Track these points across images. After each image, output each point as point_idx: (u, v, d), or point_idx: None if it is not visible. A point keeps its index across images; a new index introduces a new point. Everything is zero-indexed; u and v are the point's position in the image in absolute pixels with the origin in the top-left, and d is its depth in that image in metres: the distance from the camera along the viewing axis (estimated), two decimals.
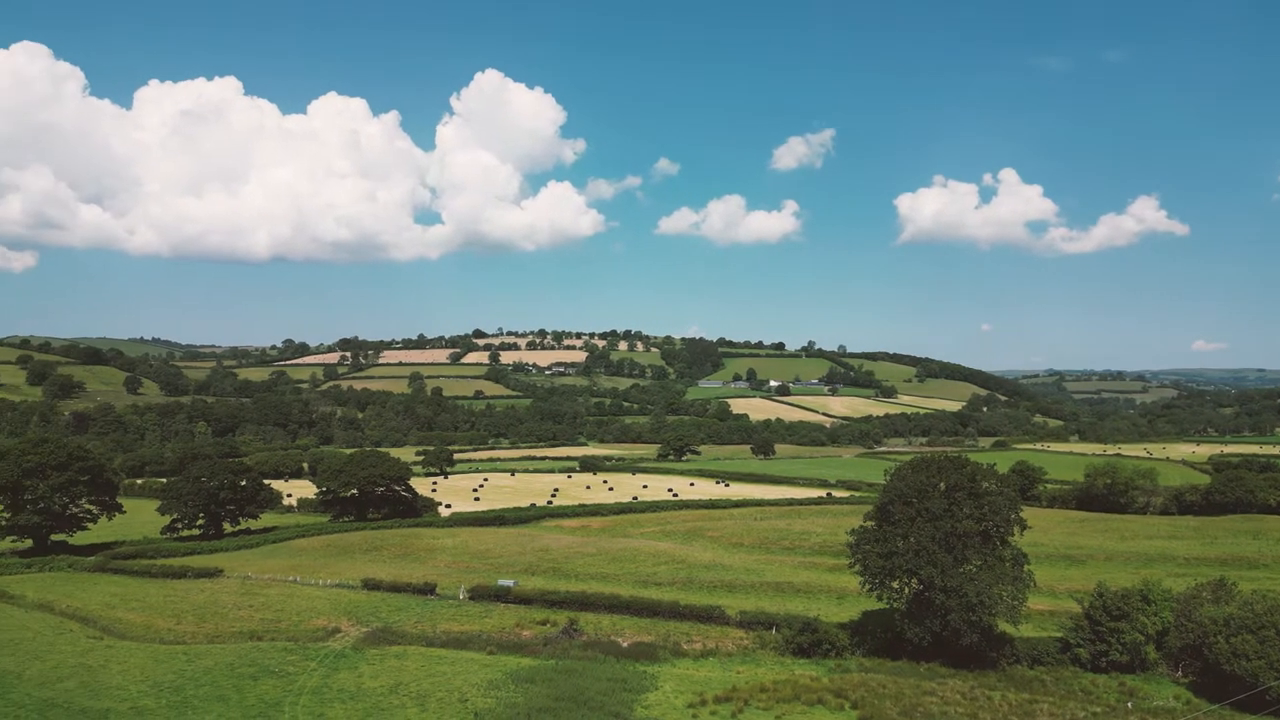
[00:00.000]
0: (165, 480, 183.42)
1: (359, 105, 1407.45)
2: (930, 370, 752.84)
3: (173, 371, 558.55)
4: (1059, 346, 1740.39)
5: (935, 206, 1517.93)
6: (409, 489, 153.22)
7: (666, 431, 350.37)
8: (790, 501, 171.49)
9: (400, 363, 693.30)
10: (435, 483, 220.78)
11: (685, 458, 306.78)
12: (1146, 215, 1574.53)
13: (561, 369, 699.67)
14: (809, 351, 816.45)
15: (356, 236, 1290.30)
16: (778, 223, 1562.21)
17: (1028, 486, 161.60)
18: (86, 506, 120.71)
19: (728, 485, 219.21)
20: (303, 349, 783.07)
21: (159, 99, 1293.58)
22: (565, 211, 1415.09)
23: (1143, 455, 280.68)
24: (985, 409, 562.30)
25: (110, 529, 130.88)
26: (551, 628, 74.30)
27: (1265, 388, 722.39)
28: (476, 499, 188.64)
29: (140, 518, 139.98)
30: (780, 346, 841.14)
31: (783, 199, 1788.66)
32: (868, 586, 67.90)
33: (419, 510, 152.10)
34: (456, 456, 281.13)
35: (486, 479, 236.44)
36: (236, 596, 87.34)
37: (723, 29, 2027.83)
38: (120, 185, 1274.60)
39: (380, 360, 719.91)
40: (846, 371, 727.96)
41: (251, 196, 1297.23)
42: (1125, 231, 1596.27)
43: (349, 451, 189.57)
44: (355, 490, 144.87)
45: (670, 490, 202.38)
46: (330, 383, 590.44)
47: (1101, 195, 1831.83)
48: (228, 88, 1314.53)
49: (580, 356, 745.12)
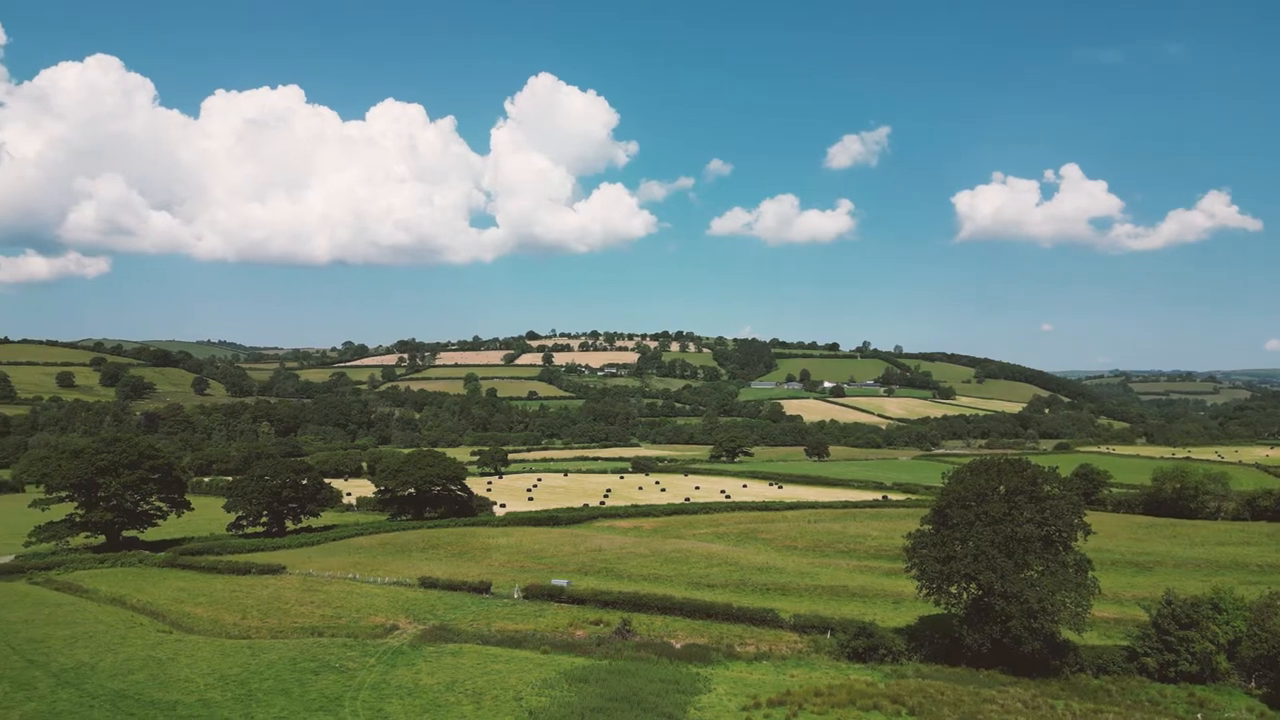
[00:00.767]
0: (231, 479, 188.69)
1: (416, 111, 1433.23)
2: (989, 371, 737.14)
3: (238, 373, 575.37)
4: (1125, 346, 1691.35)
5: (994, 204, 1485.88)
6: (464, 488, 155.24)
7: (719, 433, 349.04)
8: (845, 504, 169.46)
9: (456, 364, 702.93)
10: (490, 482, 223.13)
11: (738, 459, 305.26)
12: (1217, 211, 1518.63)
13: (613, 370, 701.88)
14: (864, 352, 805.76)
15: (414, 240, 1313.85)
16: (832, 222, 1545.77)
17: (1092, 490, 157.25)
18: (157, 504, 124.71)
19: (781, 487, 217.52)
20: (362, 351, 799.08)
21: (225, 108, 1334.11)
22: (617, 213, 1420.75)
23: (1213, 459, 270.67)
24: (1047, 411, 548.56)
25: (179, 526, 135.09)
26: (605, 628, 74.60)
27: None
28: (530, 499, 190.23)
29: (207, 515, 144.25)
30: (834, 347, 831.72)
31: (837, 198, 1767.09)
32: (925, 591, 66.80)
33: (474, 509, 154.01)
34: (511, 456, 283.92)
35: (540, 479, 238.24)
36: (299, 593, 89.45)
37: (775, 29, 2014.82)
38: (188, 192, 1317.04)
39: (436, 362, 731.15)
40: (902, 372, 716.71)
41: (313, 202, 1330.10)
42: (1195, 228, 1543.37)
43: (406, 451, 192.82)
44: (412, 489, 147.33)
45: (723, 492, 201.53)
46: (388, 384, 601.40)
47: (1170, 191, 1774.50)
48: (290, 96, 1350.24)
49: (632, 357, 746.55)
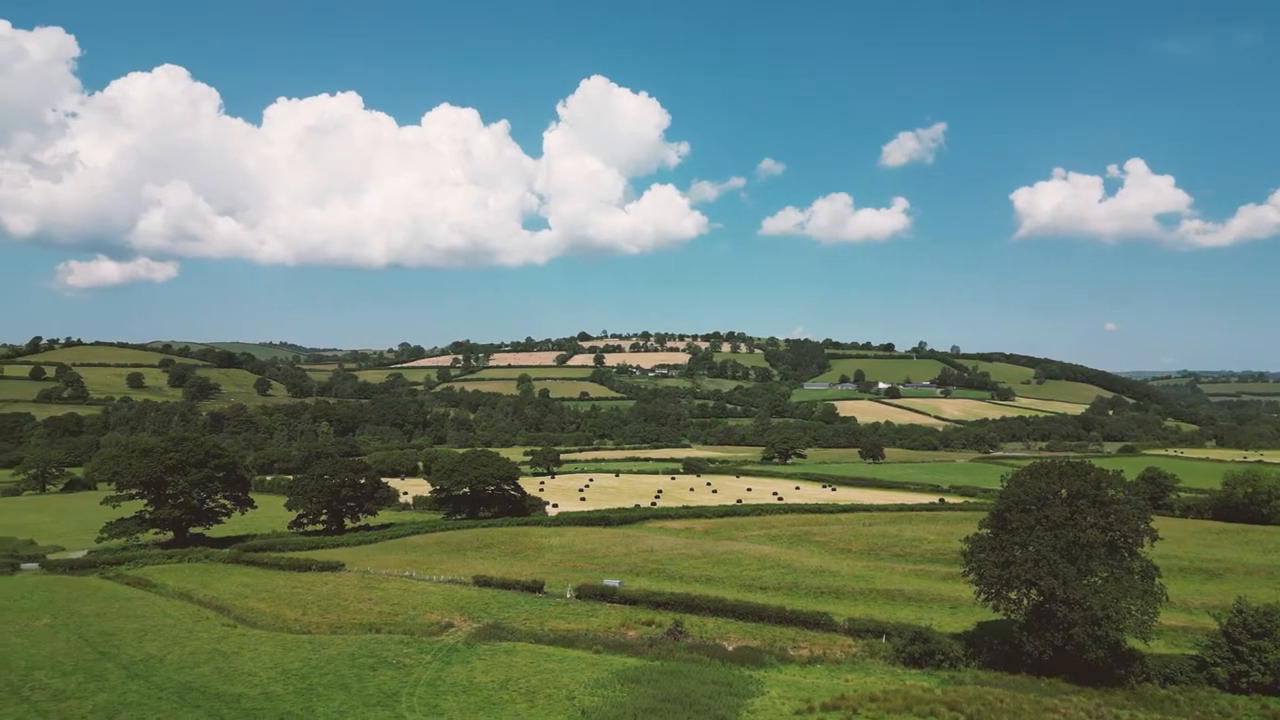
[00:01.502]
0: (292, 477, 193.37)
1: (470, 115, 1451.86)
2: (1050, 371, 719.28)
3: (298, 374, 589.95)
4: (1193, 346, 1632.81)
5: (1055, 200, 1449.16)
6: (518, 488, 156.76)
7: (771, 434, 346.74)
8: (900, 507, 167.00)
9: (509, 365, 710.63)
10: (543, 482, 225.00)
11: (790, 461, 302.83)
12: None
13: (664, 371, 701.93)
14: (920, 352, 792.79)
15: (468, 243, 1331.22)
16: (887, 220, 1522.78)
17: (1159, 495, 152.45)
18: (222, 501, 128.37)
19: (834, 489, 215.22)
20: (418, 352, 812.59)
21: (286, 116, 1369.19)
22: (669, 214, 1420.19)
23: None
24: (1111, 412, 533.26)
25: (242, 523, 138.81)
26: (656, 629, 74.63)
27: None
28: (582, 499, 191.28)
29: (269, 512, 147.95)
30: (889, 347, 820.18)
31: (892, 196, 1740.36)
32: (983, 596, 65.45)
33: (527, 509, 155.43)
34: (563, 457, 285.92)
35: (592, 479, 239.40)
36: (357, 590, 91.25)
37: (827, 27, 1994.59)
38: (251, 198, 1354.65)
39: (490, 363, 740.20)
40: (960, 373, 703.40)
41: (370, 206, 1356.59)
42: (1267, 223, 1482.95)
43: (461, 451, 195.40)
44: (467, 489, 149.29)
45: (775, 494, 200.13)
46: (443, 384, 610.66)
47: (1240, 185, 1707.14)
48: (349, 102, 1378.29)
49: (683, 358, 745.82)
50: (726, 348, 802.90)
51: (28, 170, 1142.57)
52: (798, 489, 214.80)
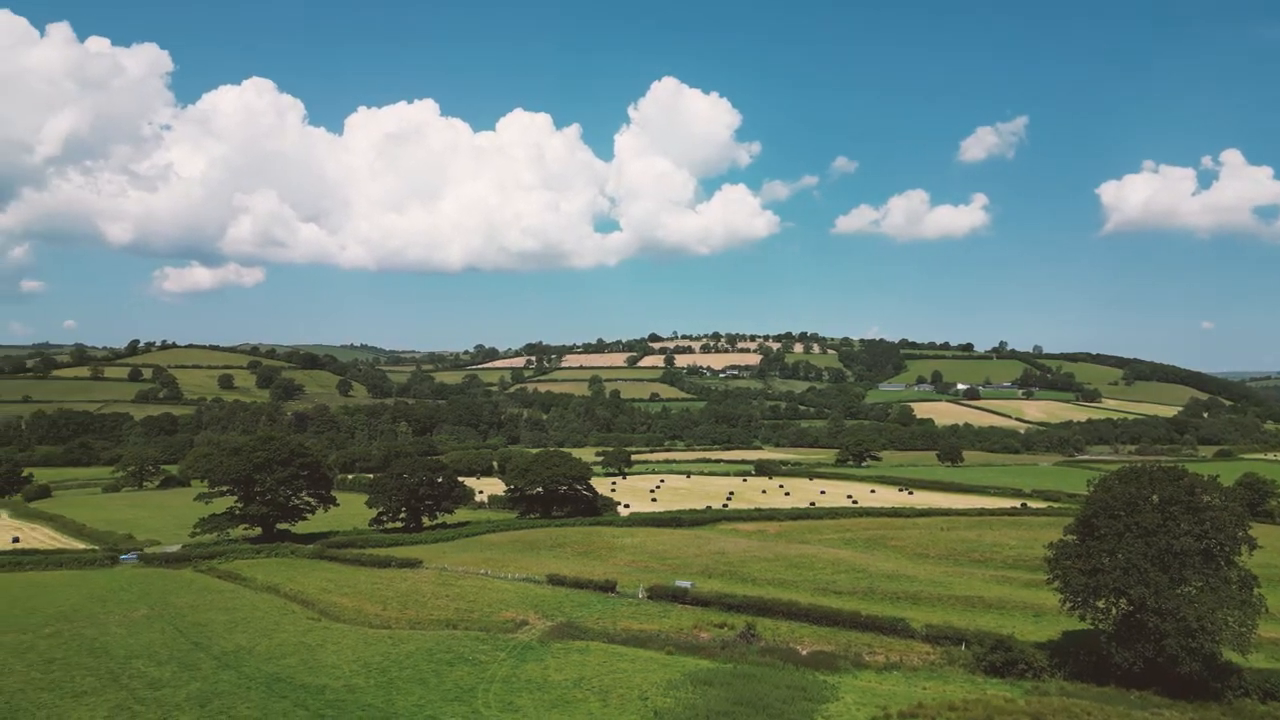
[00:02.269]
0: (372, 476, 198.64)
1: (543, 120, 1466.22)
2: (1139, 372, 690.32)
3: (378, 375, 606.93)
4: None
5: (1144, 194, 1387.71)
6: (589, 488, 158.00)
7: (845, 436, 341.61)
8: (980, 511, 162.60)
9: (581, 366, 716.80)
10: (614, 483, 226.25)
11: (865, 463, 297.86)
12: None
13: (735, 372, 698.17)
14: (1000, 352, 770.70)
15: (541, 246, 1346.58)
16: (965, 217, 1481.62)
17: (1258, 501, 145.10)
18: (306, 499, 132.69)
19: (911, 493, 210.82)
20: (492, 354, 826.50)
21: (366, 124, 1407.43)
22: (739, 214, 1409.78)
23: None
24: (1206, 415, 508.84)
25: (325, 520, 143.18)
26: (729, 631, 74.32)
27: None
28: (653, 500, 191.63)
29: (350, 510, 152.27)
30: (968, 347, 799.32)
31: (971, 192, 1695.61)
32: (1069, 605, 63.27)
33: (599, 509, 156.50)
34: (634, 458, 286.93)
35: (663, 480, 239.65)
36: (434, 586, 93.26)
37: (902, 20, 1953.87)
38: (333, 205, 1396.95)
39: (562, 364, 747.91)
40: (1043, 374, 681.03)
41: (446, 211, 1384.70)
42: None
43: (534, 451, 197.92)
44: (540, 488, 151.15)
45: (849, 497, 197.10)
46: (517, 385, 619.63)
47: None
48: (426, 110, 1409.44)
49: (754, 359, 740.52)
50: (799, 348, 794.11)
51: (126, 181, 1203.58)
52: (873, 492, 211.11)
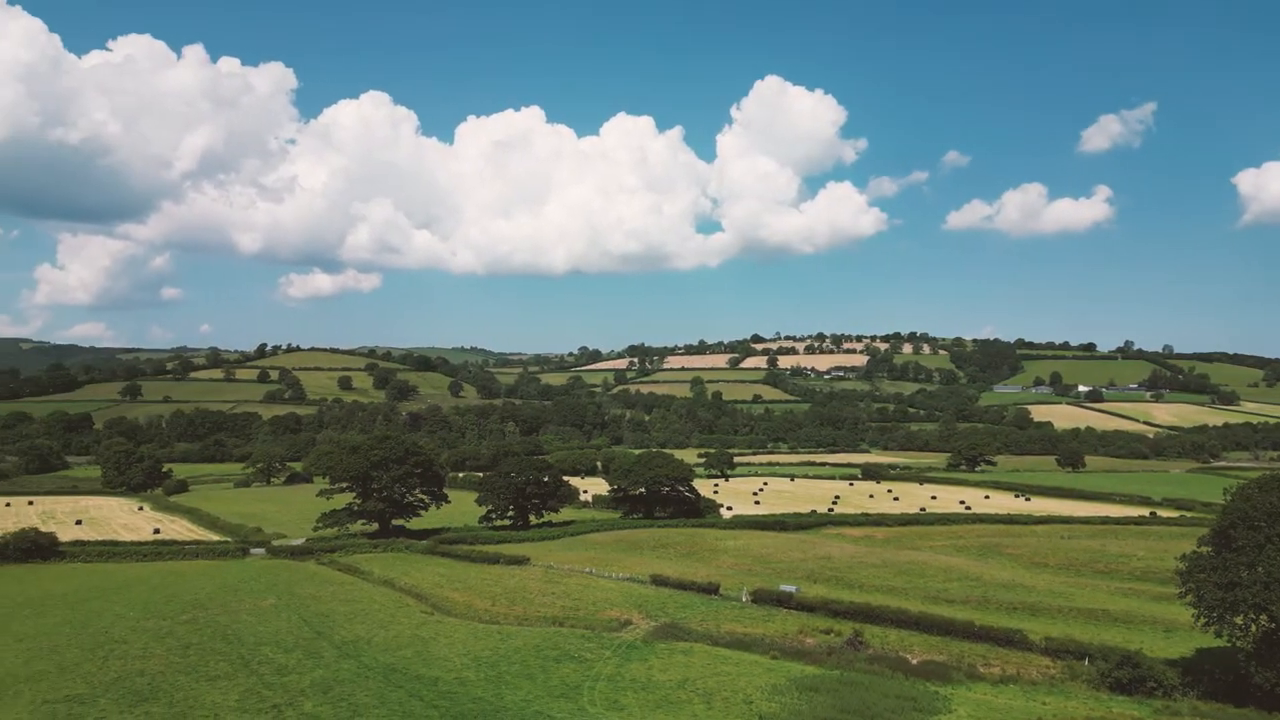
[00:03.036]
0: (481, 474, 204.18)
1: (646, 123, 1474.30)
2: None
3: (487, 376, 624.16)
4: None
5: None
6: (692, 490, 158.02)
7: (957, 439, 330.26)
8: (1104, 520, 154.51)
9: (683, 368, 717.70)
10: (716, 485, 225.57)
11: (978, 468, 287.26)
12: None
13: (841, 373, 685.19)
14: (1125, 352, 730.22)
15: (643, 248, 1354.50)
16: (1087, 210, 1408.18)
17: None
18: (420, 496, 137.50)
19: (1028, 499, 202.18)
20: (595, 355, 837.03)
21: (474, 133, 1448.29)
22: (845, 212, 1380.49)
23: None
24: None
25: (437, 517, 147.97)
26: (835, 637, 72.98)
27: None
28: (756, 502, 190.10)
29: (461, 507, 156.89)
30: (1090, 347, 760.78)
31: (1093, 184, 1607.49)
32: (1203, 620, 59.34)
33: (701, 511, 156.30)
34: (736, 460, 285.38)
35: (766, 483, 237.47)
36: (541, 584, 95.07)
37: (1015, 5, 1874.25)
38: (444, 212, 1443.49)
39: (664, 365, 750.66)
40: (1173, 374, 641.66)
41: (551, 216, 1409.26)
42: None
43: (637, 452, 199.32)
44: (643, 489, 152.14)
45: (962, 502, 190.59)
46: (619, 387, 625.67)
47: None
48: (532, 117, 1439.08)
49: (861, 360, 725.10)
50: (908, 349, 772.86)
51: (255, 193, 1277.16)
52: (987, 498, 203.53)
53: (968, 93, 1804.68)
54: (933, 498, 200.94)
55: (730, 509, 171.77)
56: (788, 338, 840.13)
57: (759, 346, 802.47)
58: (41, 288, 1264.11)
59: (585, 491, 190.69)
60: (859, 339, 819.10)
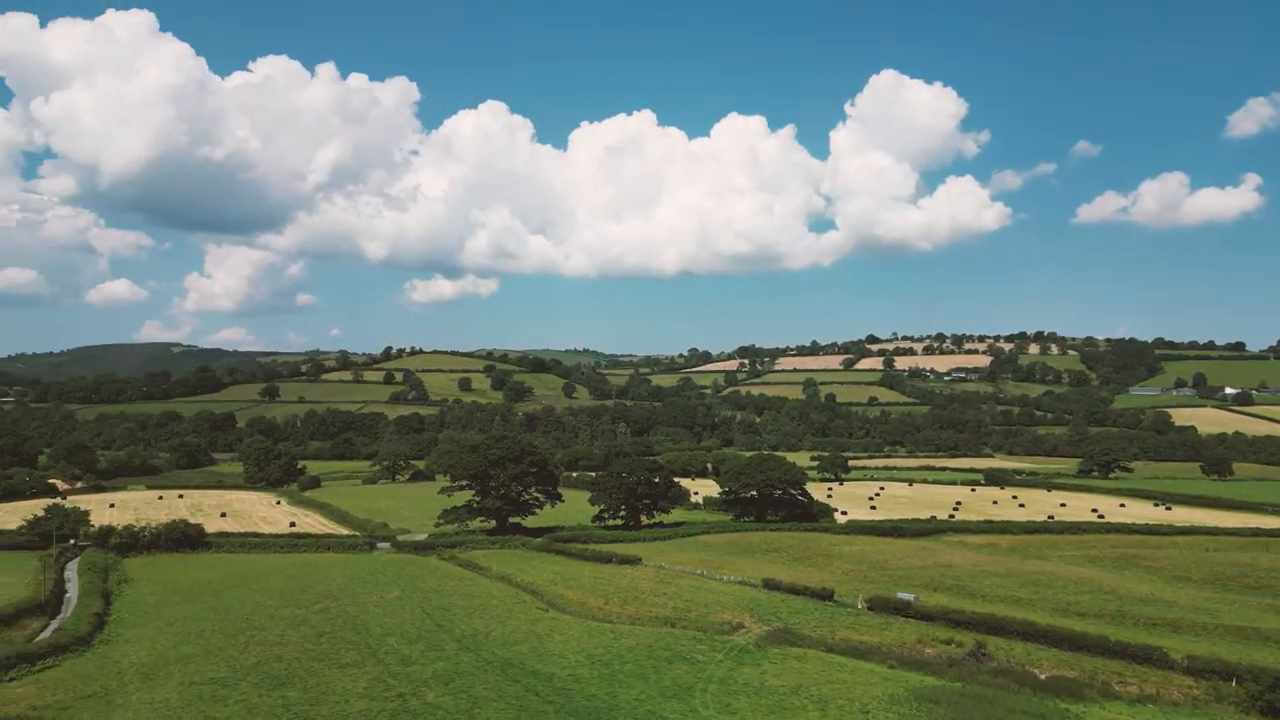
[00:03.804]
0: (594, 474, 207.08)
1: (757, 123, 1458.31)
2: None
3: (599, 378, 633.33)
4: None
5: None
6: (805, 493, 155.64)
7: (1088, 444, 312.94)
8: (1255, 531, 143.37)
9: (794, 369, 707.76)
10: (830, 489, 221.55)
11: (1113, 475, 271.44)
12: None
13: (962, 374, 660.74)
14: (1278, 352, 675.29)
15: (754, 248, 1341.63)
16: (1234, 200, 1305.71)
17: None
18: (535, 494, 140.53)
19: (1169, 508, 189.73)
20: (705, 357, 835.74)
21: (587, 138, 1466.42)
22: (966, 207, 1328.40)
23: None
24: None
25: (552, 515, 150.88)
26: (956, 648, 70.47)
27: None
28: (872, 507, 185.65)
29: (574, 506, 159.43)
30: (1238, 346, 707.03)
31: (1240, 172, 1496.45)
32: None
33: (815, 515, 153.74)
34: (851, 463, 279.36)
35: (883, 488, 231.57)
36: (652, 584, 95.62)
37: None
38: (558, 217, 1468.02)
39: (775, 367, 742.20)
40: None
41: (662, 218, 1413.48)
42: None
43: (748, 454, 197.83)
44: (754, 491, 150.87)
45: (1094, 510, 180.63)
46: (730, 388, 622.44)
47: None
48: (644, 120, 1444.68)
49: (983, 361, 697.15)
50: (1034, 349, 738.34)
51: (381, 203, 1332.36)
52: (1122, 506, 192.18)
53: (1099, 79, 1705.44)
54: (1062, 505, 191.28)
55: (845, 513, 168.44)
56: (905, 338, 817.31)
57: (874, 347, 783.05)
58: (191, 295, 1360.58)
59: (696, 493, 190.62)
60: (981, 339, 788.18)
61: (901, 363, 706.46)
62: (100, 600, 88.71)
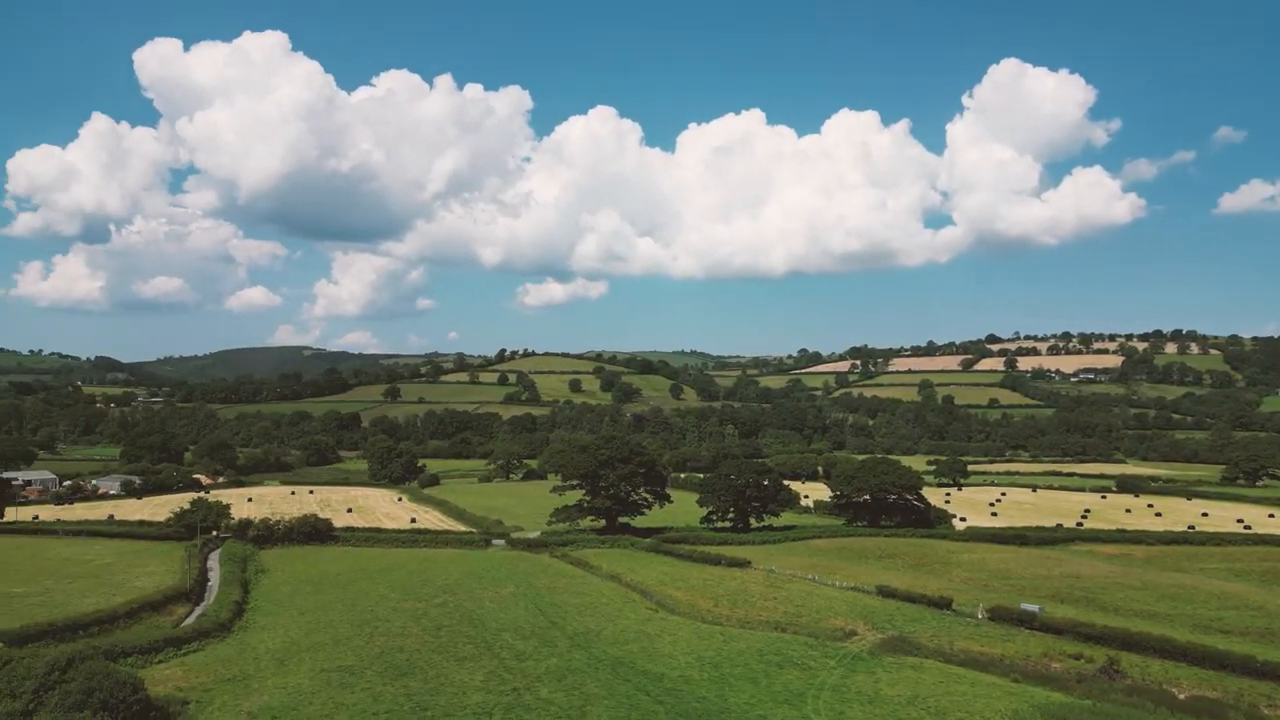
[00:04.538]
0: (702, 476, 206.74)
1: (870, 118, 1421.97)
2: None
3: (706, 379, 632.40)
4: None
5: None
6: (920, 498, 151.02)
7: (1233, 450, 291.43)
8: None
9: (909, 370, 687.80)
10: (948, 494, 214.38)
11: (1260, 483, 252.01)
12: None
13: (1090, 375, 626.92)
14: None
15: (866, 246, 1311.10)
16: None
17: None
18: (644, 495, 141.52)
19: None
20: (815, 358, 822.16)
21: (695, 140, 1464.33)
22: (1094, 199, 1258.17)
23: None
24: None
25: (659, 516, 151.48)
26: (1086, 664, 66.97)
27: None
28: (993, 514, 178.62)
29: (682, 507, 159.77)
30: None
31: None
32: None
33: (931, 521, 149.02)
34: (970, 468, 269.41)
35: (1004, 493, 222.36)
36: (762, 587, 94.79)
37: None
38: (666, 219, 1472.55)
39: (889, 368, 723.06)
40: None
41: (771, 217, 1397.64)
42: None
43: (860, 457, 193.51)
44: (867, 496, 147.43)
45: (1240, 521, 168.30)
46: (841, 390, 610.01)
47: None
48: (752, 119, 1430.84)
49: (1114, 361, 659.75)
50: (1171, 348, 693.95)
51: (495, 210, 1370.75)
52: (1271, 516, 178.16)
53: (1241, 60, 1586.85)
54: (1203, 515, 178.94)
55: (963, 520, 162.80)
56: (1028, 337, 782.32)
57: (995, 347, 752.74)
58: (319, 301, 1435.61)
59: (805, 496, 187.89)
60: (1111, 338, 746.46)
61: (1024, 363, 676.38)
62: (239, 589, 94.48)
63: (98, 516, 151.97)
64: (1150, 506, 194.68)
